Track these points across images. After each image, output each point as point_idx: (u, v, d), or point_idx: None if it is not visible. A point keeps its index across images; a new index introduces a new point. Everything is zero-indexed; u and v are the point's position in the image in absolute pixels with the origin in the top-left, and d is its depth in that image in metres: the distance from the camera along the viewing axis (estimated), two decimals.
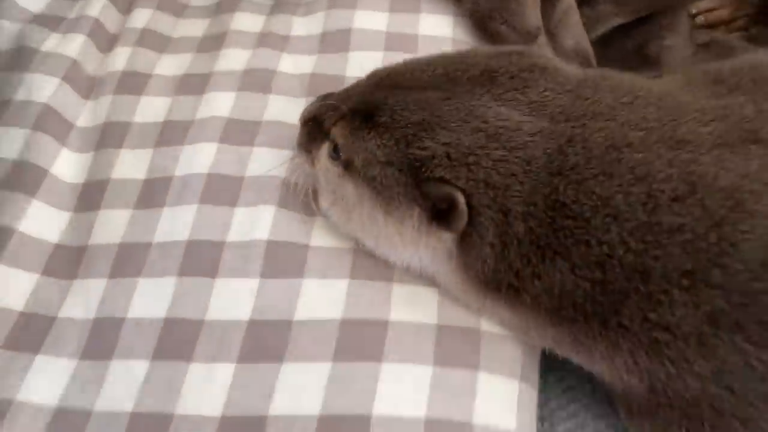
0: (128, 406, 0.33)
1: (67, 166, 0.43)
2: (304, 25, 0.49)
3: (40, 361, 0.36)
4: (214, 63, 0.47)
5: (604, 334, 0.30)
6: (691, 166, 0.29)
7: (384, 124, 0.33)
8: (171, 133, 0.43)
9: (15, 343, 0.36)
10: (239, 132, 0.42)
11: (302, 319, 0.35)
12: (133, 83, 0.46)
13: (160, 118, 0.44)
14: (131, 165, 0.42)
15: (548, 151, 0.30)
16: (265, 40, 0.49)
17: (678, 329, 0.28)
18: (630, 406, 0.32)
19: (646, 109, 0.32)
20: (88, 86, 0.47)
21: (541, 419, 0.35)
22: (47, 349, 0.36)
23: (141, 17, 0.51)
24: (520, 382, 0.34)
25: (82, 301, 0.37)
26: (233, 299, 0.36)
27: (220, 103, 0.44)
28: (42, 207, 0.40)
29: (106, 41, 0.49)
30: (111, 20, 0.51)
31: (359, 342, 0.35)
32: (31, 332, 0.37)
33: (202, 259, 0.37)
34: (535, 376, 0.35)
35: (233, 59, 0.47)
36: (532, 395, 0.34)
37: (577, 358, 0.33)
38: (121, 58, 0.48)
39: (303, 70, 0.47)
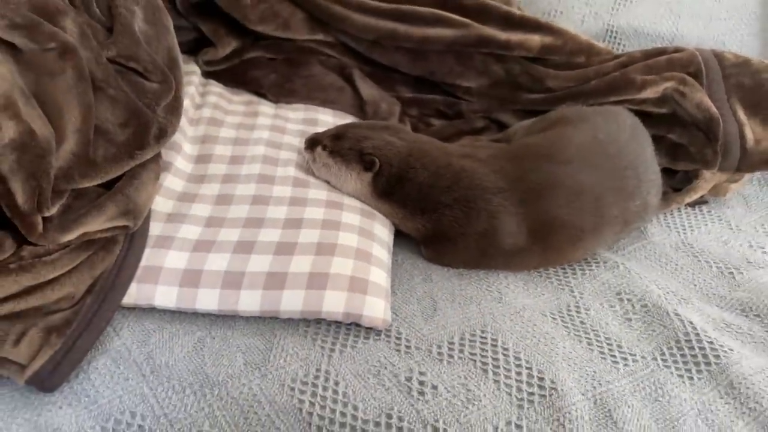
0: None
1: (187, 150, 0.89)
2: (293, 113, 1.03)
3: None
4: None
5: (420, 214, 0.84)
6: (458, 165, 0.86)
7: (346, 136, 0.86)
8: (240, 142, 0.92)
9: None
10: (273, 145, 0.92)
11: (305, 217, 0.78)
12: (214, 122, 0.95)
13: (233, 135, 0.93)
14: (221, 151, 0.90)
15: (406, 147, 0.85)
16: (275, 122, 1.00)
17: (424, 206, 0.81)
18: (425, 244, 0.85)
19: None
20: (191, 120, 0.95)
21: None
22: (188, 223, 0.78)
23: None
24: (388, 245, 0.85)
25: (202, 207, 0.82)
26: (278, 203, 0.83)
27: (260, 143, 0.92)
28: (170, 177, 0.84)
29: (195, 106, 0.98)
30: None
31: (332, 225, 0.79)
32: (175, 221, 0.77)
33: (264, 185, 0.85)
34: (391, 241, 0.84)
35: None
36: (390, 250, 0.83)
37: (407, 229, 0.86)
38: (206, 111, 0.97)
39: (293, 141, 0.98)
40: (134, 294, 0.68)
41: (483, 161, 0.83)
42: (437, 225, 0.81)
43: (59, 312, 0.64)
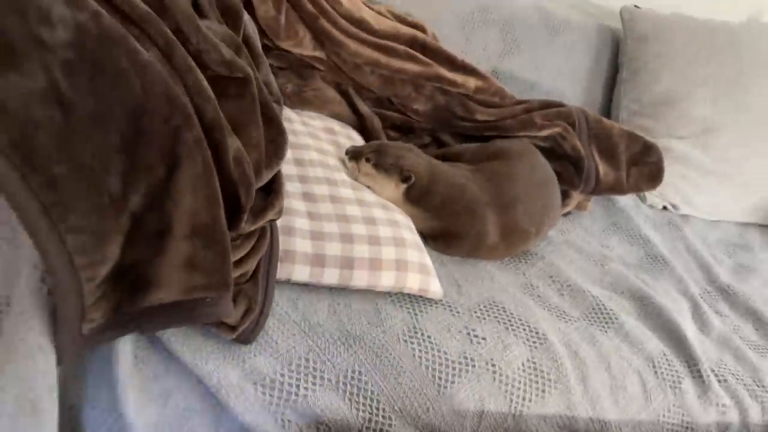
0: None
1: None
2: (313, 121, 1.25)
3: None
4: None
5: (437, 217, 1.16)
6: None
7: (387, 153, 1.14)
8: (293, 146, 1.12)
9: None
10: (319, 151, 1.13)
11: (348, 214, 1.06)
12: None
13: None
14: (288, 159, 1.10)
15: (427, 166, 1.16)
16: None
17: None
18: (435, 238, 1.18)
19: None
20: None
21: None
22: (298, 216, 1.00)
23: None
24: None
25: (297, 203, 1.02)
26: (347, 202, 1.06)
27: (310, 148, 1.14)
28: None
29: None
30: None
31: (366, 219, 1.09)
32: (288, 214, 1.00)
33: (332, 187, 1.07)
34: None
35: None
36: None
37: (422, 227, 1.17)
38: None
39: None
40: (278, 272, 0.91)
41: (472, 181, 1.18)
42: (449, 225, 1.15)
43: (242, 285, 0.84)
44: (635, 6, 1.78)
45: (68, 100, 0.60)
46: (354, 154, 1.12)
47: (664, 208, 1.68)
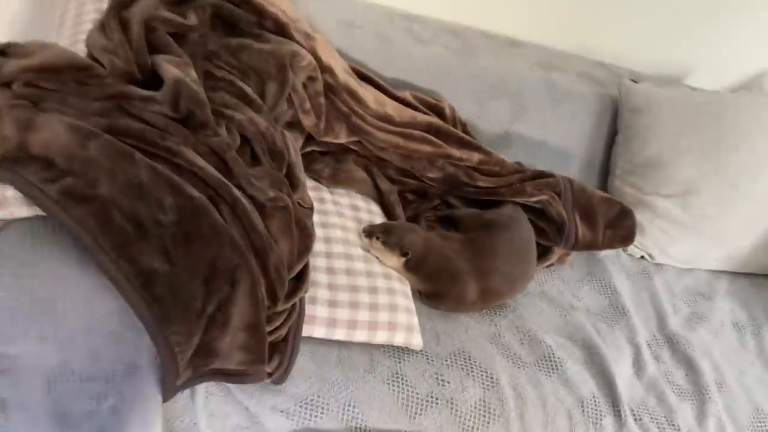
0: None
1: None
2: (341, 199, 1.65)
3: None
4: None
5: (429, 281, 1.56)
6: None
7: (393, 233, 1.53)
8: (323, 225, 1.53)
9: None
10: (343, 228, 1.55)
11: (357, 284, 1.49)
12: None
13: (317, 220, 1.54)
14: (318, 233, 1.52)
15: (423, 243, 1.55)
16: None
17: None
18: (428, 296, 1.57)
19: None
20: None
21: None
22: (321, 288, 1.42)
23: None
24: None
25: (322, 276, 1.45)
26: (358, 274, 1.47)
27: (336, 226, 1.56)
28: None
29: None
30: None
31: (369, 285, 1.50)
32: (313, 285, 1.42)
33: (349, 261, 1.48)
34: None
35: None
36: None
37: (419, 288, 1.57)
38: None
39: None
40: (302, 331, 1.33)
41: (459, 253, 1.56)
42: (437, 288, 1.54)
43: (276, 344, 1.27)
44: (632, 80, 2.06)
45: (173, 258, 1.03)
46: (368, 233, 1.52)
47: (642, 257, 2.01)
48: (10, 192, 1.02)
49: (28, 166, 1.00)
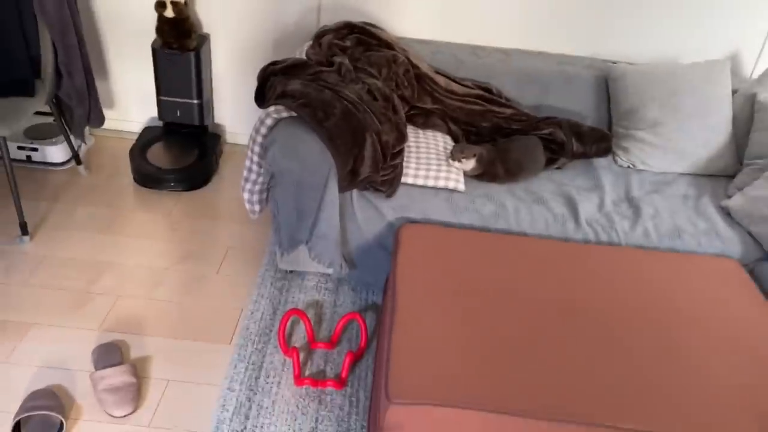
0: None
1: None
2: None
3: None
4: None
5: None
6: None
7: (466, 147, 2.96)
8: None
9: None
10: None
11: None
12: None
13: None
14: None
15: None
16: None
17: None
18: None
19: None
20: None
21: None
22: None
23: None
24: None
25: None
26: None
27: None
28: None
29: None
30: None
31: None
32: None
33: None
34: None
35: None
36: None
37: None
38: None
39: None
40: (401, 177, 2.80)
41: (495, 152, 2.95)
42: (488, 170, 2.94)
43: (391, 179, 2.76)
44: (612, 62, 3.36)
45: (341, 127, 2.60)
46: (451, 153, 2.96)
47: (628, 167, 3.21)
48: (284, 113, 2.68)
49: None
